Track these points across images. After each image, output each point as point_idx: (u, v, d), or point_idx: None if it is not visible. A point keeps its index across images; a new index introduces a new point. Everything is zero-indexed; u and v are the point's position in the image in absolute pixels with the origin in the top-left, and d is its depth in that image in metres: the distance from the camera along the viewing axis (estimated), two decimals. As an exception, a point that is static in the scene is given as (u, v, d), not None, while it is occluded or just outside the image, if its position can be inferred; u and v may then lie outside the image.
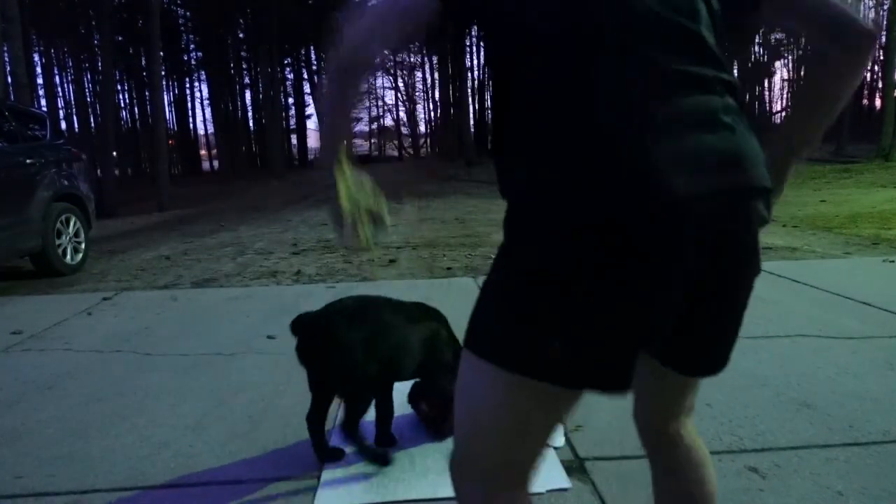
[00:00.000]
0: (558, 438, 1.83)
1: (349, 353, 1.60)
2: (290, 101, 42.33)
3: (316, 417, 1.72)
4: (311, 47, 39.22)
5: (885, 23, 20.38)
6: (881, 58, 24.08)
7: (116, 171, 28.91)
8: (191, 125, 44.11)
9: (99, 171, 19.44)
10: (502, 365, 0.74)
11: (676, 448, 0.98)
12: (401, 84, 51.56)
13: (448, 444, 1.79)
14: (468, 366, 0.79)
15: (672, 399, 0.96)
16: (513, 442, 0.80)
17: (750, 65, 45.97)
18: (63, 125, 28.77)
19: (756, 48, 48.82)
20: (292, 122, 42.72)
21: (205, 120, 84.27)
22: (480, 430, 0.81)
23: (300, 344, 1.66)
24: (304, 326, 1.66)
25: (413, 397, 1.91)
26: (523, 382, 0.73)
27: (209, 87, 37.99)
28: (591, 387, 0.76)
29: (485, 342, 0.77)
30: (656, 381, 0.93)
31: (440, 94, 41.93)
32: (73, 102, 35.21)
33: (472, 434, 0.82)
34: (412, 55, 47.63)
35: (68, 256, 5.35)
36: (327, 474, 1.69)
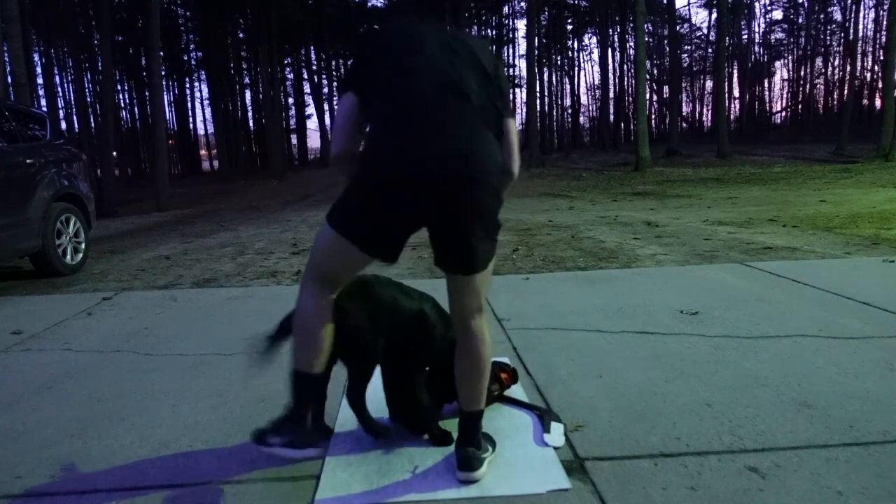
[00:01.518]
0: (558, 438, 1.83)
1: (351, 318, 1.69)
2: (290, 101, 42.32)
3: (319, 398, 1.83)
4: (311, 47, 39.21)
5: (885, 22, 20.34)
6: (881, 58, 24.05)
7: (116, 171, 28.90)
8: (191, 125, 44.15)
9: (99, 171, 19.47)
10: (331, 226, 1.54)
11: (469, 334, 1.60)
12: (401, 84, 51.55)
13: (448, 446, 1.78)
14: (323, 225, 1.56)
15: (461, 295, 1.56)
16: (326, 260, 1.58)
17: (750, 65, 45.94)
18: (63, 125, 28.77)
19: (756, 48, 48.82)
20: (292, 122, 42.73)
21: (205, 120, 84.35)
22: (317, 251, 1.59)
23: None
24: None
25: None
26: (335, 236, 1.53)
27: (209, 87, 37.91)
28: (360, 247, 1.50)
29: (330, 215, 1.55)
30: (450, 284, 1.58)
31: (440, 94, 41.89)
32: (73, 102, 35.18)
33: (314, 252, 1.61)
34: (412, 55, 47.57)
35: (68, 256, 5.35)
36: (327, 474, 1.69)
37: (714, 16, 36.17)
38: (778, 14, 68.89)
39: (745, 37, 47.03)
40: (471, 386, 1.63)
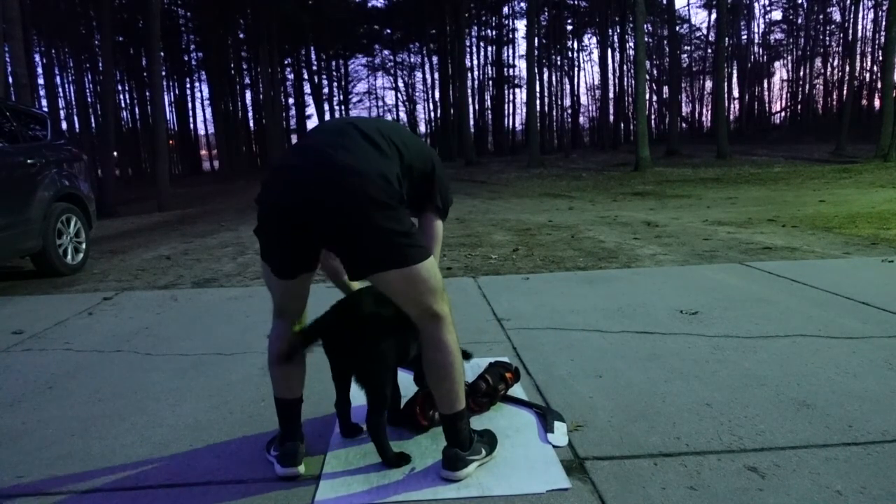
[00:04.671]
0: (562, 437, 1.84)
1: (377, 345, 1.70)
2: (290, 101, 42.33)
3: (342, 404, 1.89)
4: (311, 47, 39.22)
5: (884, 23, 20.33)
6: (880, 58, 24.05)
7: (117, 171, 28.91)
8: (191, 125, 44.13)
9: (99, 171, 19.47)
10: (261, 257, 1.69)
11: (424, 341, 1.64)
12: (401, 84, 51.59)
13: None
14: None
15: (395, 300, 1.62)
16: (269, 288, 1.73)
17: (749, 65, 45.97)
18: (64, 125, 28.77)
19: (756, 49, 48.83)
20: (292, 122, 42.75)
21: (205, 120, 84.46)
22: (265, 282, 1.75)
23: (327, 341, 1.75)
24: (328, 326, 1.74)
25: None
26: (262, 263, 1.68)
27: (209, 87, 37.97)
28: (272, 270, 1.66)
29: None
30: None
31: (440, 94, 41.93)
32: (73, 102, 35.20)
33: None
34: (412, 55, 47.65)
35: (69, 256, 5.36)
36: (327, 475, 1.69)
37: (713, 16, 36.18)
38: (777, 14, 68.88)
39: (745, 37, 47.04)
40: (437, 391, 1.64)
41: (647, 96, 34.16)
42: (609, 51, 39.85)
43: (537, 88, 30.74)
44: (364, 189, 1.47)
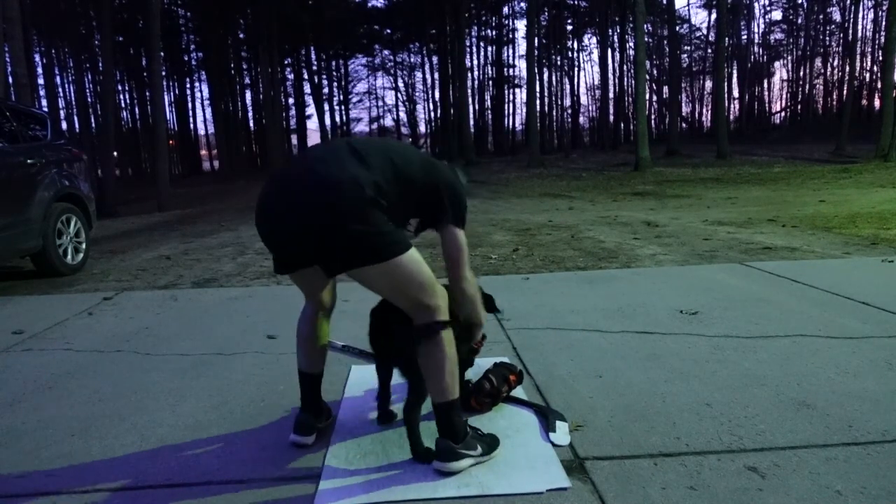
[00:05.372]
0: (563, 437, 1.84)
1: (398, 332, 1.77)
2: (290, 101, 42.33)
3: (384, 395, 2.02)
4: (311, 47, 39.22)
5: (884, 23, 20.31)
6: (880, 58, 24.06)
7: (117, 171, 28.90)
8: (191, 125, 44.12)
9: (99, 171, 19.48)
10: None
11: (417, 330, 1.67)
12: (401, 84, 51.57)
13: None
14: None
15: (379, 293, 1.72)
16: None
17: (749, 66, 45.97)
18: (64, 125, 28.76)
19: (756, 49, 48.83)
20: (292, 122, 42.75)
21: (205, 120, 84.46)
22: None
23: (374, 336, 1.89)
24: (378, 320, 1.87)
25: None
26: None
27: (209, 87, 37.96)
28: (275, 269, 1.80)
29: None
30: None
31: (440, 94, 41.93)
32: (73, 102, 35.21)
33: None
34: (412, 55, 47.65)
35: (69, 256, 5.36)
36: (327, 474, 1.69)
37: (713, 16, 36.19)
38: (777, 14, 68.87)
39: (745, 37, 47.03)
40: (429, 381, 1.66)
41: (647, 96, 34.18)
42: (609, 51, 39.87)
43: (537, 88, 30.74)
44: (327, 196, 1.54)
